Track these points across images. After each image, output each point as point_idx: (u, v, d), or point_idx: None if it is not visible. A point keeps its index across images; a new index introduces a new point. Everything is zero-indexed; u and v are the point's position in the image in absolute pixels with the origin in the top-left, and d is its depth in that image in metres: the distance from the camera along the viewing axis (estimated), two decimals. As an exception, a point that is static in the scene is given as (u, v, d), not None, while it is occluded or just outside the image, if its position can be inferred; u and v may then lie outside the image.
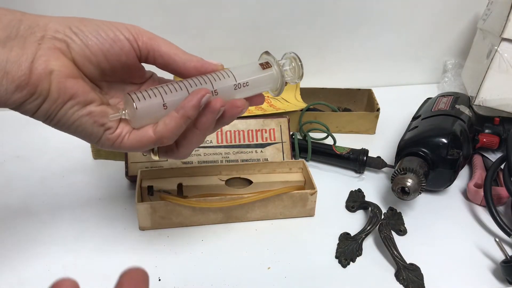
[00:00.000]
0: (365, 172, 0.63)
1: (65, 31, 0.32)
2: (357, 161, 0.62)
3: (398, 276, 0.46)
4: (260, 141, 0.60)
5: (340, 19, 0.81)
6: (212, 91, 0.35)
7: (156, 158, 0.37)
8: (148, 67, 0.38)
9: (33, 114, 0.31)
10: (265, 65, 0.38)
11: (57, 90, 0.31)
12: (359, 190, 0.58)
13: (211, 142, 0.58)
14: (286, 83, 0.40)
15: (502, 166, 0.56)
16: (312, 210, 0.54)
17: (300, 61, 0.39)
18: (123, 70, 0.35)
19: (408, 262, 0.47)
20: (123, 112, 0.33)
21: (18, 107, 0.31)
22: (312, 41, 0.83)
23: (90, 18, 0.33)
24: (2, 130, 0.70)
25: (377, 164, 0.62)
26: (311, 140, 0.65)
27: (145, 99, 0.33)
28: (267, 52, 0.39)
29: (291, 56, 0.40)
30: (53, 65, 0.31)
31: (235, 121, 0.59)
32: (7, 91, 0.29)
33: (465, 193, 0.59)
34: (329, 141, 0.67)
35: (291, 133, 0.62)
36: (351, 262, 0.48)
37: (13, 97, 0.30)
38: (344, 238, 0.50)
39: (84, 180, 0.59)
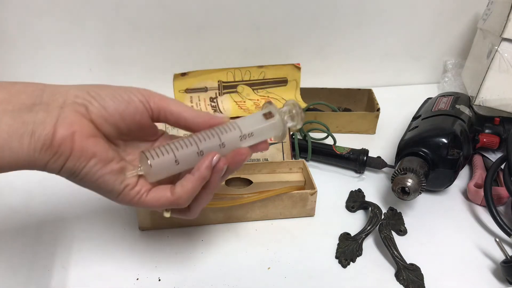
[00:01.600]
0: (365, 172, 0.63)
1: (84, 96, 0.34)
2: (357, 161, 0.62)
3: (398, 276, 0.46)
4: (260, 141, 0.59)
5: (340, 19, 0.81)
6: (219, 144, 0.38)
7: (168, 215, 0.39)
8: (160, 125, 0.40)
9: (58, 172, 0.33)
10: (268, 115, 0.41)
11: (80, 149, 0.33)
12: (359, 190, 0.58)
13: (211, 142, 0.58)
14: (289, 128, 0.43)
15: (502, 166, 0.56)
16: (312, 210, 0.54)
17: (300, 107, 0.42)
18: (137, 129, 0.37)
19: (408, 262, 0.47)
20: (139, 168, 0.36)
21: (45, 167, 0.33)
22: (312, 41, 0.83)
23: (106, 85, 0.36)
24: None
25: (377, 164, 0.62)
26: (311, 140, 0.65)
27: (158, 156, 0.36)
28: (269, 102, 0.42)
29: (291, 103, 0.42)
30: (76, 126, 0.33)
31: (235, 121, 0.59)
32: (35, 150, 0.31)
33: (465, 193, 0.59)
34: (329, 141, 0.67)
35: (291, 133, 0.62)
36: (351, 262, 0.48)
37: (40, 156, 0.32)
38: (344, 238, 0.50)
39: (84, 180, 0.59)
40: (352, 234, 0.51)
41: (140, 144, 0.39)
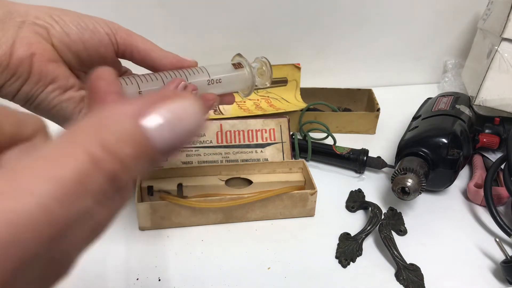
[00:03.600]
0: (365, 172, 0.63)
1: (45, 18, 0.32)
2: (357, 161, 0.62)
3: (398, 276, 0.46)
4: (260, 141, 0.60)
5: (340, 19, 0.81)
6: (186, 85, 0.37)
7: None
8: (124, 63, 0.38)
9: (13, 97, 0.31)
10: (238, 66, 0.40)
11: (39, 73, 0.31)
12: (359, 190, 0.58)
13: (211, 142, 0.58)
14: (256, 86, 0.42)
15: (502, 166, 0.56)
16: (312, 210, 0.54)
17: (270, 65, 0.40)
18: (100, 62, 0.35)
19: (408, 262, 0.47)
20: None
21: None
22: (312, 41, 0.83)
23: (71, 10, 0.34)
24: None
25: (377, 164, 0.62)
26: (311, 140, 0.65)
27: (121, 85, 0.34)
28: (239, 54, 0.41)
29: (262, 60, 0.42)
30: (35, 48, 0.30)
31: (235, 121, 0.59)
32: None
33: (465, 193, 0.59)
34: (329, 141, 0.67)
35: (291, 133, 0.62)
36: (351, 262, 0.48)
37: None
38: (344, 238, 0.50)
39: (84, 180, 0.59)
40: (352, 234, 0.51)
41: None
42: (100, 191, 0.14)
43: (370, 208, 0.53)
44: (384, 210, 0.54)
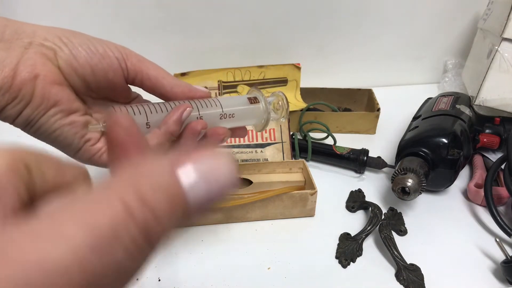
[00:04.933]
0: (365, 172, 0.63)
1: (54, 40, 0.31)
2: (357, 161, 0.62)
3: (398, 276, 0.46)
4: (260, 141, 0.60)
5: (340, 19, 0.81)
6: (197, 117, 0.35)
7: None
8: (134, 89, 0.37)
9: (13, 120, 0.30)
10: (253, 100, 0.38)
11: (41, 95, 0.30)
12: (359, 190, 0.58)
13: (211, 142, 0.58)
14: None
15: (502, 166, 0.56)
16: (312, 210, 0.54)
17: (287, 100, 0.39)
18: (108, 88, 0.34)
19: (408, 262, 0.47)
20: (104, 124, 0.32)
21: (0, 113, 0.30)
22: (312, 41, 0.83)
23: (80, 32, 0.33)
24: (1, 130, 0.69)
25: (377, 164, 0.62)
26: (311, 140, 0.65)
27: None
28: (256, 88, 0.40)
29: (278, 95, 0.40)
30: (39, 69, 0.30)
31: (235, 121, 0.59)
32: None
33: (466, 193, 0.59)
34: (329, 141, 0.67)
35: (291, 133, 0.62)
36: (351, 262, 0.48)
37: None
38: (344, 238, 0.50)
39: (84, 180, 0.59)
40: (352, 234, 0.51)
41: (109, 105, 0.36)
42: (133, 242, 0.15)
43: (370, 208, 0.53)
44: (384, 210, 0.54)
